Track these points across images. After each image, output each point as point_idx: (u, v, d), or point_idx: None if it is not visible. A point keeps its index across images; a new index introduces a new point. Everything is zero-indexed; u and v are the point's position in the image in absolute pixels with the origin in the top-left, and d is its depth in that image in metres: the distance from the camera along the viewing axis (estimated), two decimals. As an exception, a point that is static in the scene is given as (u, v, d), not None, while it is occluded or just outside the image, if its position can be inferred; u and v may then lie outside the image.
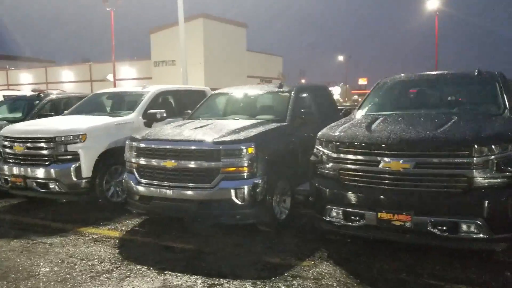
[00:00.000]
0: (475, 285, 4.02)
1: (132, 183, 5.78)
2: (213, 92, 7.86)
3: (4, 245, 5.46)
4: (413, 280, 4.15)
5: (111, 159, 6.96)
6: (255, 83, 39.68)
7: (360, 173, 4.58)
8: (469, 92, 6.07)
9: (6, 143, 7.07)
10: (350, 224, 4.61)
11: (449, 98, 6.03)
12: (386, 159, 4.38)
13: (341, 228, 4.74)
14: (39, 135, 6.75)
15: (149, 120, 7.63)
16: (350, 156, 4.65)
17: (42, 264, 4.80)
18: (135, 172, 5.80)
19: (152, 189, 5.61)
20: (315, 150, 5.05)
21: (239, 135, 5.49)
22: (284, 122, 6.34)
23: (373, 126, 4.85)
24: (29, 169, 6.76)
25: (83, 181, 6.66)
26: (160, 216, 6.28)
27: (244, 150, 5.28)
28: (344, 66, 75.99)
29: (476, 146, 4.10)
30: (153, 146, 5.66)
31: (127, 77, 45.45)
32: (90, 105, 8.57)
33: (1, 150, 7.21)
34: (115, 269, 4.59)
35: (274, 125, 6.13)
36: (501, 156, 4.10)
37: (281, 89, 7.05)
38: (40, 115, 8.83)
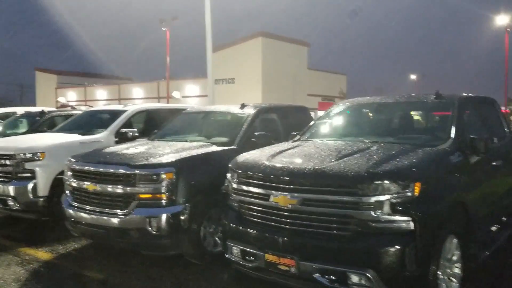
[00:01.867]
0: None
1: (64, 206, 5.66)
2: (182, 112, 7.63)
3: None
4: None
5: (72, 178, 6.92)
6: (315, 102, 39.18)
7: (254, 207, 4.07)
8: (420, 119, 5.27)
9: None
10: (247, 264, 4.09)
11: (393, 126, 5.24)
12: (274, 193, 3.84)
13: (242, 267, 4.23)
14: (1, 152, 6.90)
15: (121, 139, 7.54)
16: (247, 187, 4.15)
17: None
18: (68, 194, 5.69)
19: (78, 213, 5.44)
20: (226, 179, 4.60)
21: (162, 159, 5.18)
22: (233, 145, 5.92)
23: (280, 155, 4.32)
24: (-10, 185, 6.92)
25: (40, 199, 6.67)
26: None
27: (163, 176, 4.95)
28: (416, 85, 72.62)
29: (367, 183, 3.45)
30: (80, 166, 5.52)
31: (190, 94, 46.83)
32: (76, 123, 8.69)
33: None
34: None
35: (214, 148, 5.74)
36: (398, 197, 3.41)
37: (241, 110, 6.64)
38: (34, 131, 9.12)
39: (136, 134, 7.54)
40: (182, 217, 4.99)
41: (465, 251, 4.01)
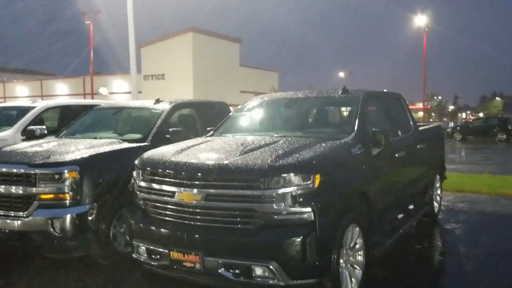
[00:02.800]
0: None
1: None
2: (94, 108, 7.30)
3: None
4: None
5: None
6: (248, 98, 39.27)
7: (159, 205, 3.96)
8: (328, 114, 5.42)
9: None
10: (153, 262, 3.98)
11: (303, 120, 5.36)
12: (179, 189, 3.76)
13: (148, 266, 4.10)
14: None
15: (28, 137, 7.07)
16: (151, 185, 4.03)
17: None
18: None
19: (-26, 216, 5.03)
20: (132, 177, 4.45)
21: (65, 157, 4.91)
22: (145, 142, 5.75)
23: (186, 151, 4.24)
24: None
25: None
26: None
27: (66, 174, 4.70)
28: (344, 82, 75.27)
29: (269, 176, 3.46)
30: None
31: (119, 91, 45.33)
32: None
33: None
34: None
35: (125, 145, 5.54)
36: (299, 189, 3.45)
37: (155, 106, 6.47)
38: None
39: (45, 132, 7.09)
40: (89, 218, 4.78)
41: (369, 239, 4.16)
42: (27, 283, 4.61)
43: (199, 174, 3.68)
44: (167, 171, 3.87)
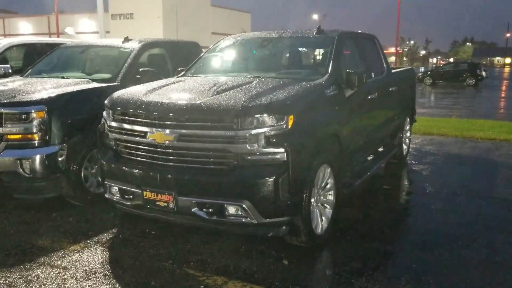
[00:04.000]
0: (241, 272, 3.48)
1: None
2: (60, 46, 6.98)
3: None
4: (172, 268, 3.58)
5: None
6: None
7: (131, 145, 3.91)
8: (302, 55, 5.36)
9: None
10: (126, 202, 3.98)
11: (277, 61, 5.29)
12: (151, 129, 3.70)
13: (121, 205, 4.11)
14: None
15: (-9, 76, 6.78)
16: (122, 125, 3.95)
17: None
18: None
19: None
20: (102, 117, 4.34)
21: (32, 96, 4.74)
22: (115, 82, 5.58)
23: (158, 91, 4.14)
24: None
25: None
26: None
27: (33, 114, 4.56)
28: (319, 25, 74.14)
29: (242, 116, 3.44)
30: None
31: (86, 31, 43.50)
32: None
33: None
34: None
35: (94, 85, 5.38)
36: (272, 129, 3.45)
37: (124, 45, 6.23)
38: None
39: (10, 71, 6.80)
40: (59, 158, 4.71)
41: (339, 180, 4.26)
42: (-2, 224, 4.58)
43: (172, 114, 3.62)
44: (139, 111, 3.79)
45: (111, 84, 5.49)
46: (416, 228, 4.52)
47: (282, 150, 3.46)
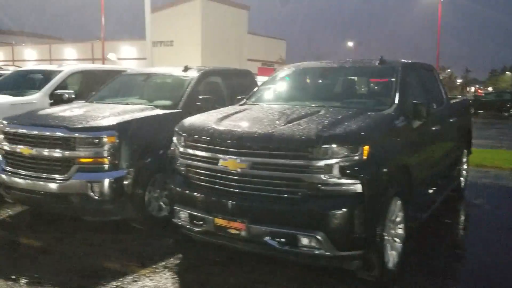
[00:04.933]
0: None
1: (-2, 170, 5.28)
2: (122, 73, 7.26)
3: None
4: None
5: None
6: (255, 67, 38.85)
7: (202, 171, 3.98)
8: (364, 84, 5.37)
9: None
10: (195, 228, 4.03)
11: (337, 91, 5.31)
12: (224, 156, 3.77)
13: (190, 231, 4.16)
14: None
15: (56, 101, 7.09)
16: (194, 151, 4.04)
17: None
18: (1, 158, 5.30)
19: (12, 178, 5.09)
20: (172, 143, 4.45)
21: (102, 122, 4.92)
22: (176, 109, 5.73)
23: (228, 118, 4.23)
24: None
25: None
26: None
27: (104, 139, 4.72)
28: (353, 52, 74.25)
29: (317, 146, 3.45)
30: (13, 129, 5.14)
31: (127, 57, 45.00)
32: (5, 83, 8.05)
33: None
34: None
35: (158, 112, 5.54)
36: (347, 160, 3.45)
37: (185, 73, 6.42)
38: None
39: (73, 96, 7.10)
40: (125, 182, 4.84)
41: (407, 212, 4.19)
42: (66, 244, 4.70)
43: (245, 142, 3.67)
44: (211, 138, 3.87)
45: (174, 111, 5.65)
46: (484, 264, 4.36)
47: (357, 181, 3.44)
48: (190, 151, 4.07)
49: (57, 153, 4.78)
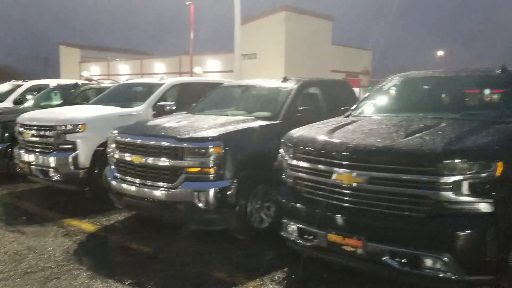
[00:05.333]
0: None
1: (109, 177, 5.58)
2: (220, 85, 7.41)
3: (-17, 230, 5.55)
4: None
5: (111, 151, 6.86)
6: (339, 78, 38.20)
7: (313, 184, 3.87)
8: (482, 95, 4.95)
9: (19, 129, 7.27)
10: (304, 243, 3.92)
11: (456, 101, 4.94)
12: (338, 170, 3.63)
13: (298, 245, 4.06)
14: (43, 123, 6.83)
15: (158, 112, 7.39)
16: (305, 164, 3.95)
17: (-2, 253, 4.75)
18: (113, 166, 5.60)
19: (123, 185, 5.35)
20: (279, 154, 4.41)
21: (208, 133, 5.01)
22: (277, 120, 5.71)
23: (339, 130, 4.09)
24: (33, 156, 6.87)
25: (81, 171, 6.60)
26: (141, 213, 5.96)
27: (210, 150, 4.79)
28: (444, 62, 70.70)
29: (445, 162, 3.21)
30: (125, 139, 5.40)
31: (212, 70, 46.49)
32: (112, 95, 8.56)
33: (17, 136, 7.43)
34: (54, 267, 4.38)
35: (260, 123, 5.54)
36: (478, 177, 3.16)
37: (284, 84, 6.39)
38: (70, 103, 9.03)
39: (174, 108, 7.36)
40: (229, 192, 4.86)
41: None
42: (172, 251, 4.82)
43: (362, 155, 3.52)
44: (324, 150, 3.76)
45: (274, 122, 5.63)
46: None
47: (489, 200, 3.15)
48: (300, 163, 3.99)
49: (166, 162, 4.94)
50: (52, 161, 6.61)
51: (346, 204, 3.61)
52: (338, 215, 3.60)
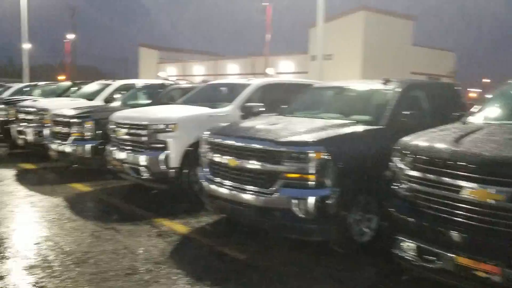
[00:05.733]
0: None
1: (202, 179, 5.47)
2: (311, 86, 7.08)
3: (81, 226, 5.65)
4: None
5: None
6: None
7: (437, 199, 3.44)
8: None
9: (112, 127, 7.43)
10: (424, 264, 3.51)
11: None
12: (469, 184, 3.18)
13: (413, 265, 3.65)
14: (135, 122, 6.90)
15: (246, 113, 7.23)
16: (428, 175, 3.52)
17: (97, 251, 4.78)
18: (206, 168, 5.48)
19: (216, 188, 5.20)
20: (391, 163, 4.01)
21: (309, 137, 4.71)
22: (379, 125, 5.30)
23: (467, 138, 3.62)
24: (126, 154, 6.96)
25: (171, 170, 6.59)
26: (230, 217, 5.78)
27: (311, 155, 4.49)
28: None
29: None
30: (219, 140, 5.25)
31: (285, 71, 46.32)
32: (199, 95, 8.55)
33: (110, 134, 7.60)
34: (153, 269, 4.30)
35: (362, 128, 5.16)
36: None
37: (385, 86, 5.95)
38: (161, 103, 9.14)
39: (261, 109, 7.16)
40: (330, 202, 4.53)
41: None
42: (268, 260, 4.59)
43: (503, 169, 3.05)
44: (453, 162, 3.32)
45: (377, 127, 5.23)
46: None
47: None
48: (420, 174, 3.58)
49: (262, 166, 4.71)
50: (143, 159, 6.66)
51: (481, 224, 3.15)
52: (470, 236, 3.16)
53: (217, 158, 5.24)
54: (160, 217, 6.03)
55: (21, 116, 11.14)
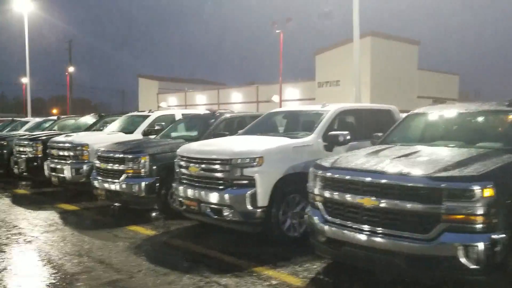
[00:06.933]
0: None
1: (317, 221, 4.71)
2: (412, 112, 6.39)
3: (177, 280, 4.83)
4: None
5: (288, 187, 6.05)
6: (425, 104, 36.00)
7: None
8: None
9: (182, 163, 6.66)
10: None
11: None
12: None
13: None
14: (214, 156, 6.15)
15: (330, 143, 6.53)
16: None
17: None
18: (321, 207, 4.72)
19: (344, 232, 4.44)
20: None
21: (468, 169, 4.00)
22: (521, 152, 4.60)
23: None
24: (203, 193, 6.16)
25: (258, 210, 5.82)
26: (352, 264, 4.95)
27: (478, 191, 3.78)
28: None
29: None
30: (346, 177, 4.49)
31: (291, 98, 45.98)
32: (265, 124, 7.87)
33: (177, 170, 6.83)
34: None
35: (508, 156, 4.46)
36: None
37: (510, 108, 5.29)
38: (215, 134, 8.41)
39: (348, 138, 6.44)
40: (501, 247, 3.79)
41: None
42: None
43: None
44: None
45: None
46: None
47: None
48: None
49: (416, 207, 3.97)
50: (227, 198, 5.89)
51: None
52: None
53: (341, 196, 4.49)
54: (257, 265, 5.22)
55: (54, 152, 10.39)
